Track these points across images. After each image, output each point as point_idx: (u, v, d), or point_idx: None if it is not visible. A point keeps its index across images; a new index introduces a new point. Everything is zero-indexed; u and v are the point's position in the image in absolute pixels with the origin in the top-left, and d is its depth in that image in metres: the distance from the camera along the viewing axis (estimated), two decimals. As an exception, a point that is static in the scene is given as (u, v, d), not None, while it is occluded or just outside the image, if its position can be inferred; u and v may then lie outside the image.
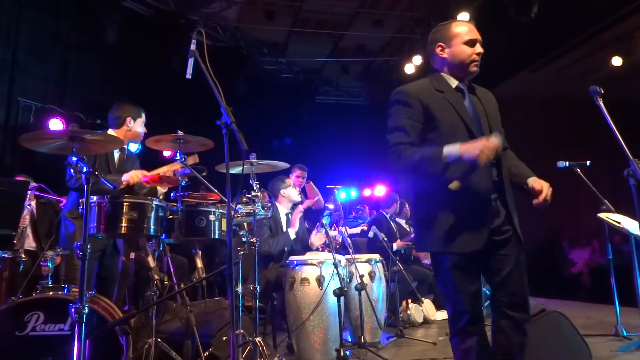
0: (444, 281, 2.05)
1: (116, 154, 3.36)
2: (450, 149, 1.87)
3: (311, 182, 5.24)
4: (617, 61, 8.28)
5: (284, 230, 4.28)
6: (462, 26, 2.13)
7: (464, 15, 7.07)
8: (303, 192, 4.96)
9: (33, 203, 4.78)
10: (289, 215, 4.40)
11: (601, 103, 2.64)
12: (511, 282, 2.03)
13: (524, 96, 10.06)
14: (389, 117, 2.10)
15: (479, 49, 2.11)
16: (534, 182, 2.17)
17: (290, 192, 4.37)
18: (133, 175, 3.05)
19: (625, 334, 3.93)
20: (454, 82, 2.14)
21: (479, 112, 2.11)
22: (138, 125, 3.43)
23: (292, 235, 4.12)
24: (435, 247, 2.05)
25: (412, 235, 5.38)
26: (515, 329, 1.99)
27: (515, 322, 2.00)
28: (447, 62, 2.13)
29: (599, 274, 8.26)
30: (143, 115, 3.47)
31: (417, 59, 8.25)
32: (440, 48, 2.14)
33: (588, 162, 4.18)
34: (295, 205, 4.50)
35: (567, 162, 4.18)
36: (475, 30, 2.14)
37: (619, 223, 3.52)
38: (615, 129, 2.59)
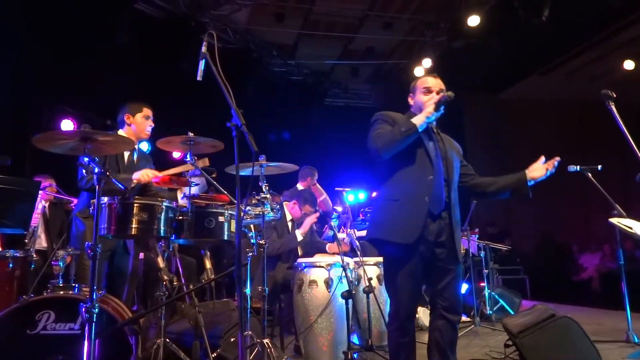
0: None
1: (126, 155, 3.37)
2: (414, 119, 2.45)
3: (317, 184, 5.24)
4: (629, 65, 8.20)
5: (290, 232, 4.28)
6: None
7: (474, 18, 7.05)
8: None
9: (46, 204, 4.84)
10: (294, 220, 4.40)
11: (613, 107, 2.62)
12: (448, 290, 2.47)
13: (534, 99, 10.01)
14: None
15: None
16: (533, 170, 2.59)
17: (296, 211, 4.34)
18: (144, 174, 3.05)
19: (636, 340, 3.89)
20: None
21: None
22: (138, 120, 3.38)
23: (299, 237, 4.13)
24: None
25: None
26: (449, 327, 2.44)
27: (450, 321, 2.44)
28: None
29: (609, 279, 8.17)
30: (145, 109, 3.40)
31: (427, 62, 8.23)
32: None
33: (599, 167, 4.14)
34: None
35: (578, 166, 4.14)
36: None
37: (630, 228, 3.47)
38: (627, 133, 2.57)
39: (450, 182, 2.53)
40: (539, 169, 2.57)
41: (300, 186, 5.52)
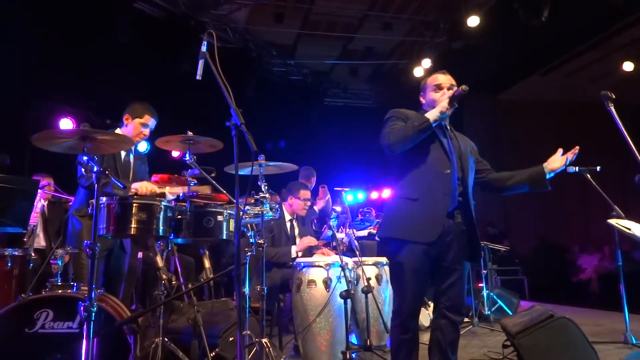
0: None
1: (122, 154, 3.36)
2: (429, 113, 2.44)
3: (326, 188, 5.25)
4: (628, 66, 8.22)
5: (288, 233, 4.28)
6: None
7: (474, 19, 7.05)
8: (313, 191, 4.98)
9: (45, 203, 4.83)
10: (294, 221, 4.40)
11: (612, 108, 2.62)
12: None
13: (534, 100, 10.02)
14: None
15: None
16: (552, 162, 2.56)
17: (297, 203, 4.34)
18: (143, 187, 3.02)
19: (634, 341, 3.89)
20: None
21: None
22: (135, 124, 3.30)
23: (293, 254, 4.10)
24: None
25: None
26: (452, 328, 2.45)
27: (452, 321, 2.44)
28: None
29: (608, 280, 8.19)
30: (146, 116, 3.32)
31: (427, 62, 8.23)
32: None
33: (598, 168, 4.14)
34: (296, 217, 4.47)
35: (577, 168, 4.14)
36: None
37: (629, 229, 3.48)
38: (626, 134, 2.57)
39: (465, 180, 2.49)
40: (557, 160, 2.54)
41: None
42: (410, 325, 2.44)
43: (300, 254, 4.14)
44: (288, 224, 4.33)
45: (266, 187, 3.06)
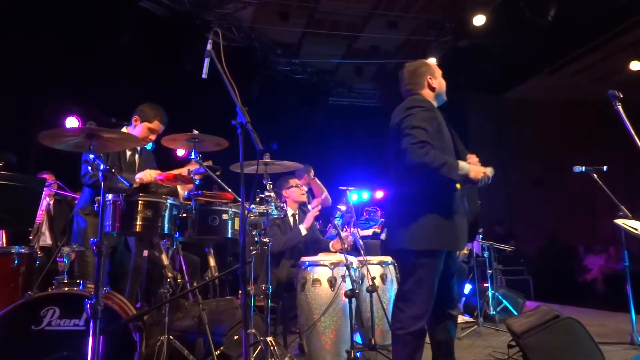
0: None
1: (128, 153, 3.37)
2: (464, 165, 2.45)
3: (316, 178, 5.24)
4: (635, 65, 8.16)
5: (292, 227, 4.30)
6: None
7: (479, 18, 7.03)
8: (310, 190, 4.97)
9: (51, 201, 4.85)
10: (296, 216, 4.41)
11: (620, 107, 2.62)
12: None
13: (539, 99, 9.97)
14: (410, 115, 2.47)
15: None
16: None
17: (292, 192, 4.38)
18: (147, 174, 3.07)
19: (640, 342, 3.87)
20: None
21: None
22: (143, 127, 3.31)
23: (303, 232, 4.14)
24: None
25: None
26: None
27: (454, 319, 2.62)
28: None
29: (614, 281, 8.14)
30: (156, 122, 3.32)
31: (432, 61, 8.19)
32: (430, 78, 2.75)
33: (605, 167, 4.12)
34: (302, 205, 4.52)
35: (584, 167, 4.12)
36: None
37: (636, 230, 3.46)
38: (633, 133, 2.55)
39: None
40: None
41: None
42: (425, 329, 2.51)
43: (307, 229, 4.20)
44: (291, 219, 4.37)
45: (271, 186, 3.06)
